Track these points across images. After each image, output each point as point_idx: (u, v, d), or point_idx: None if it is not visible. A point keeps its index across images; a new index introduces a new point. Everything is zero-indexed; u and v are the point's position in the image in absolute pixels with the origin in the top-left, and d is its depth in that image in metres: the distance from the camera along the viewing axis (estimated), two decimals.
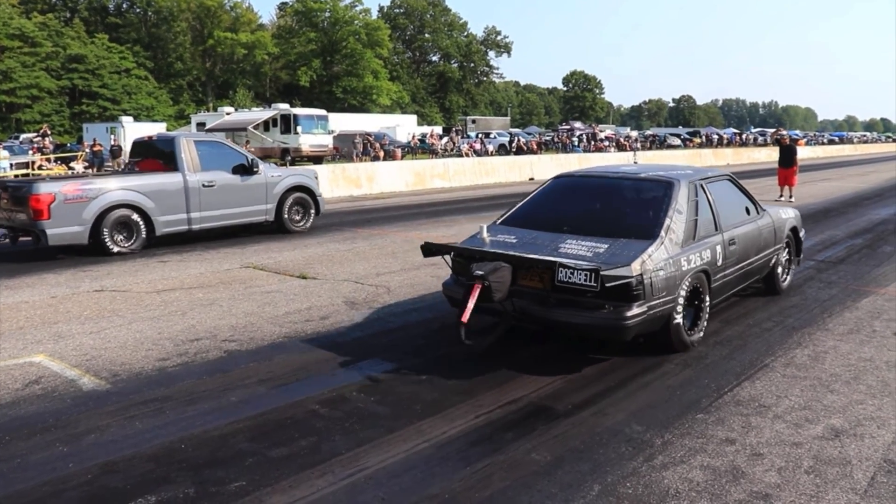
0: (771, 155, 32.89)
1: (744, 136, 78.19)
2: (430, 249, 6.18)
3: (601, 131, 63.39)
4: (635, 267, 5.41)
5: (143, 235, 11.19)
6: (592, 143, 54.99)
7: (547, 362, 5.81)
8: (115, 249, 10.79)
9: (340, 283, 8.72)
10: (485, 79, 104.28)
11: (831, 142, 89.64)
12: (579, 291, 5.26)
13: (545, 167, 29.93)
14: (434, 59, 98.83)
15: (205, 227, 12.08)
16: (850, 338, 6.51)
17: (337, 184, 21.56)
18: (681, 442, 4.34)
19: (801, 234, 8.88)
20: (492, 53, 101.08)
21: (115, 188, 10.97)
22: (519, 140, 50.28)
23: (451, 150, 43.86)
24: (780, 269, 8.24)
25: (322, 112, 41.22)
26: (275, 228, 13.17)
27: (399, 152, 39.27)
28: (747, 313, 7.33)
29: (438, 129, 56.14)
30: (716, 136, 72.78)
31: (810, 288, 8.59)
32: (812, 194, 21.22)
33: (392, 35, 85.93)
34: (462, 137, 50.57)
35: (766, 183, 23.19)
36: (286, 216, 13.17)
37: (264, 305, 7.63)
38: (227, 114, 44.13)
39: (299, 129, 37.12)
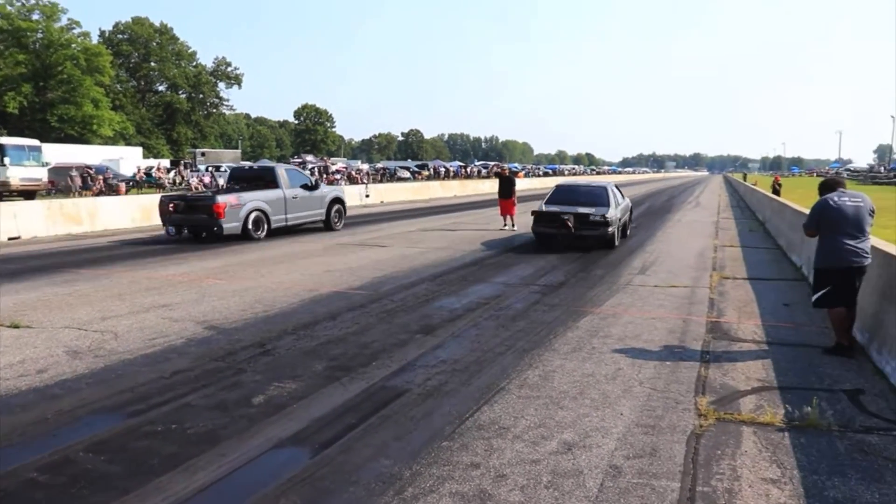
0: (494, 186, 34.79)
1: (468, 169, 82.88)
2: (535, 212, 16.27)
3: (333, 164, 64.40)
4: (608, 215, 15.68)
5: (265, 228, 17.70)
6: (325, 175, 55.22)
7: (286, 404, 5.67)
8: (255, 237, 17.27)
9: (60, 331, 7.93)
10: (214, 110, 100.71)
11: (546, 174, 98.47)
12: (595, 223, 15.50)
13: None
14: (161, 88, 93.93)
15: (291, 224, 18.80)
16: (574, 356, 7.05)
17: (54, 221, 19.74)
18: (429, 471, 4.41)
19: (631, 207, 20.28)
20: (222, 85, 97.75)
21: (251, 199, 17.46)
22: None
23: (180, 183, 42.20)
24: (627, 223, 19.06)
25: (35, 142, 37.58)
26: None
27: (123, 186, 37.22)
28: (481, 340, 7.68)
29: (166, 162, 54.02)
30: (443, 169, 76.44)
31: (536, 312, 9.20)
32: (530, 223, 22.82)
33: (115, 62, 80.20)
34: (191, 171, 48.76)
35: (491, 213, 24.72)
36: (332, 219, 20.28)
37: None
38: None
39: (7, 160, 33.51)
